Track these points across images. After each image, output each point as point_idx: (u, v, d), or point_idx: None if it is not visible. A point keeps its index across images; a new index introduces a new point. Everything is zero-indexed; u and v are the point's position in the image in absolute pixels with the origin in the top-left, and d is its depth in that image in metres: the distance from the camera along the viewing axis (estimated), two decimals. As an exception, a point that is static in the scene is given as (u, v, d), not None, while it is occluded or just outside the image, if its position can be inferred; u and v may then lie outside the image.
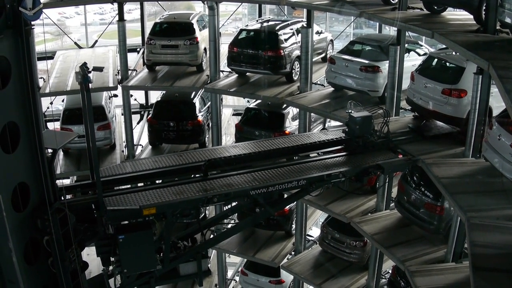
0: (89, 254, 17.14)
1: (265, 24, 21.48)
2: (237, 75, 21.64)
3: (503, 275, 9.53)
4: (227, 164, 14.63)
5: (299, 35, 20.26)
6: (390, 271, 19.86)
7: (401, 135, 16.35)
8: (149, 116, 22.46)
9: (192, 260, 14.80)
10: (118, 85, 21.11)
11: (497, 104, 14.27)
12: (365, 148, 15.43)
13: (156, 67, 22.57)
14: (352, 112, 15.69)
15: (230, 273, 27.86)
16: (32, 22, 11.70)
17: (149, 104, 26.69)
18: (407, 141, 16.05)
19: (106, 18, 46.67)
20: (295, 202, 20.27)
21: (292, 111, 21.53)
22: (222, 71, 21.97)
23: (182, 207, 13.56)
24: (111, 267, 13.75)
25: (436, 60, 16.90)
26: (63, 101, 21.93)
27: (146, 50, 22.07)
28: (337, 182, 14.84)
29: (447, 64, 16.43)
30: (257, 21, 22.75)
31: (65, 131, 19.06)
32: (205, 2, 21.13)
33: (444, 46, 16.16)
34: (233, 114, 27.50)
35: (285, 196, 15.86)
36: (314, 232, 26.92)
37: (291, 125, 21.32)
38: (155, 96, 23.65)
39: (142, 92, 26.36)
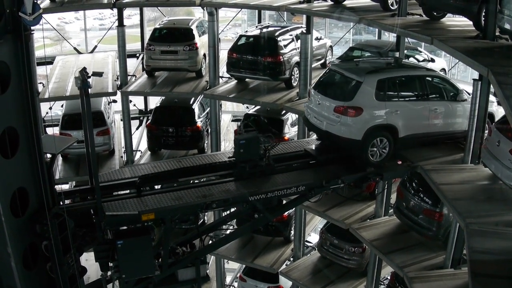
0: (88, 260, 17.12)
1: (264, 30, 21.51)
2: (236, 81, 21.64)
3: (502, 281, 9.51)
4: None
5: (299, 41, 20.29)
6: (388, 277, 19.83)
7: (292, 159, 15.38)
8: (148, 121, 22.48)
9: (190, 266, 14.79)
10: (118, 91, 21.14)
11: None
12: (252, 174, 14.34)
13: (155, 73, 22.58)
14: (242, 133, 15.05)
15: (228, 279, 27.80)
16: (32, 27, 11.73)
17: (148, 109, 26.67)
18: (292, 167, 15.01)
19: (105, 24, 46.83)
20: (294, 208, 20.24)
21: (291, 117, 21.56)
22: (221, 77, 21.97)
23: (181, 212, 13.57)
24: (109, 273, 13.73)
25: (332, 73, 15.71)
26: (62, 106, 21.93)
27: (146, 55, 22.09)
28: (336, 188, 14.87)
29: (343, 77, 15.22)
30: (256, 27, 22.80)
31: (64, 136, 19.05)
32: (205, 8, 21.15)
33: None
34: (232, 120, 27.46)
35: (284, 202, 15.85)
36: (313, 238, 26.83)
37: (290, 131, 21.36)
38: (154, 101, 23.67)
39: (141, 98, 26.34)
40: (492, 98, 15.38)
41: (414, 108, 15.14)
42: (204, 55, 22.10)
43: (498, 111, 15.41)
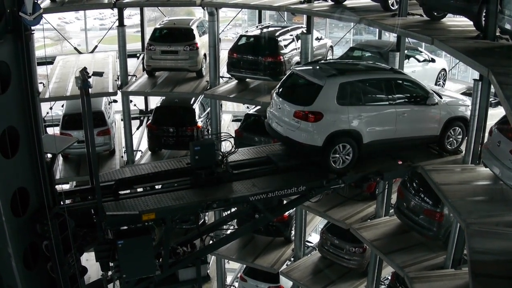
0: (88, 259, 17.12)
1: (265, 30, 21.49)
2: (236, 81, 21.63)
3: (503, 282, 9.51)
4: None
5: (299, 41, 20.27)
6: (389, 277, 19.85)
7: (254, 165, 14.89)
8: (149, 121, 22.48)
9: (191, 266, 14.79)
10: (118, 91, 21.15)
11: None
12: (209, 181, 13.87)
13: (155, 73, 22.57)
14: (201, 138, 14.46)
15: (229, 279, 27.82)
16: (32, 27, 11.73)
17: (148, 109, 26.68)
18: (253, 174, 14.44)
19: (106, 24, 46.76)
20: (295, 208, 20.25)
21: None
22: (222, 77, 21.96)
23: (182, 212, 13.57)
24: (110, 272, 13.73)
25: (294, 76, 15.25)
26: (62, 106, 21.94)
27: (146, 55, 22.09)
28: (337, 189, 14.86)
29: (305, 81, 14.80)
30: (257, 27, 22.77)
31: (65, 136, 19.05)
32: (205, 8, 21.15)
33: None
34: (233, 120, 27.51)
35: (285, 202, 15.86)
36: (314, 238, 26.86)
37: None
38: (155, 101, 23.67)
39: (142, 98, 26.35)
40: (468, 101, 15.42)
41: (380, 113, 14.70)
42: (205, 55, 22.09)
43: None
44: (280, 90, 15.21)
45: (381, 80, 15.03)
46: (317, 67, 15.33)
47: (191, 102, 22.03)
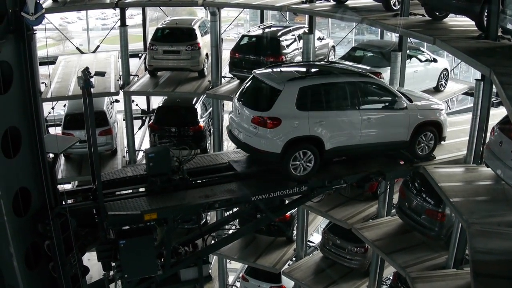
0: (90, 259, 17.14)
1: (267, 30, 21.49)
2: (238, 80, 21.61)
3: (504, 282, 9.51)
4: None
5: (301, 41, 20.28)
6: (391, 277, 19.85)
7: (214, 172, 14.65)
8: (151, 121, 22.47)
9: (193, 266, 14.80)
10: (120, 91, 21.16)
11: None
12: (164, 189, 13.58)
13: (157, 73, 22.58)
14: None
15: (231, 279, 27.82)
16: (34, 27, 11.75)
17: (150, 109, 26.71)
18: (213, 181, 14.22)
19: (108, 23, 46.80)
20: (296, 208, 20.25)
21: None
22: (224, 77, 21.97)
23: (184, 212, 13.57)
24: (112, 272, 13.75)
25: (255, 80, 14.69)
26: (64, 106, 21.96)
27: (148, 55, 22.09)
28: (338, 189, 14.85)
29: (265, 85, 14.22)
30: (259, 27, 22.77)
31: (67, 136, 19.07)
32: (207, 8, 21.16)
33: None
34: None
35: (286, 202, 15.86)
36: (315, 238, 26.89)
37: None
38: (157, 101, 23.68)
39: (144, 98, 26.39)
40: (442, 105, 15.42)
41: (343, 118, 14.17)
42: (207, 55, 22.10)
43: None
44: (241, 94, 14.75)
45: (344, 83, 14.42)
46: (279, 70, 14.81)
47: (193, 102, 22.02)
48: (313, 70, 15.85)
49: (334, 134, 14.00)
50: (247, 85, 14.83)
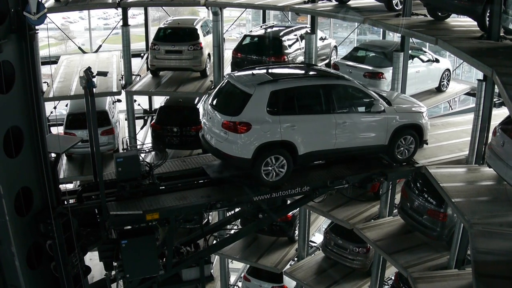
0: (92, 259, 17.14)
1: (269, 30, 21.52)
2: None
3: (506, 282, 9.50)
4: None
5: (303, 41, 20.28)
6: (393, 278, 19.84)
7: (186, 177, 14.39)
8: (153, 121, 22.49)
9: (194, 266, 14.80)
10: (122, 90, 21.17)
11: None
12: (133, 194, 13.26)
13: (160, 73, 22.60)
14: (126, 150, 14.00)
15: (232, 279, 27.82)
16: (36, 27, 11.76)
17: (152, 109, 26.71)
18: (184, 186, 13.95)
19: (110, 23, 46.92)
20: (298, 208, 20.24)
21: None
22: (226, 77, 21.97)
23: (185, 212, 13.56)
24: (113, 272, 13.75)
25: (227, 84, 14.32)
26: (66, 105, 21.97)
27: (150, 55, 22.10)
28: (340, 189, 14.82)
29: (236, 89, 13.87)
30: (261, 27, 22.80)
31: (69, 135, 19.08)
32: (209, 8, 21.17)
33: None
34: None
35: (288, 202, 15.85)
36: (317, 238, 26.89)
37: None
38: (159, 101, 23.69)
39: (146, 97, 26.40)
40: (423, 108, 15.29)
41: (316, 122, 13.82)
42: (209, 54, 22.11)
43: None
44: (213, 99, 14.37)
45: (318, 86, 14.05)
46: (251, 73, 14.32)
47: (195, 102, 22.04)
48: (287, 72, 15.43)
49: (307, 139, 13.68)
50: (219, 88, 14.53)
